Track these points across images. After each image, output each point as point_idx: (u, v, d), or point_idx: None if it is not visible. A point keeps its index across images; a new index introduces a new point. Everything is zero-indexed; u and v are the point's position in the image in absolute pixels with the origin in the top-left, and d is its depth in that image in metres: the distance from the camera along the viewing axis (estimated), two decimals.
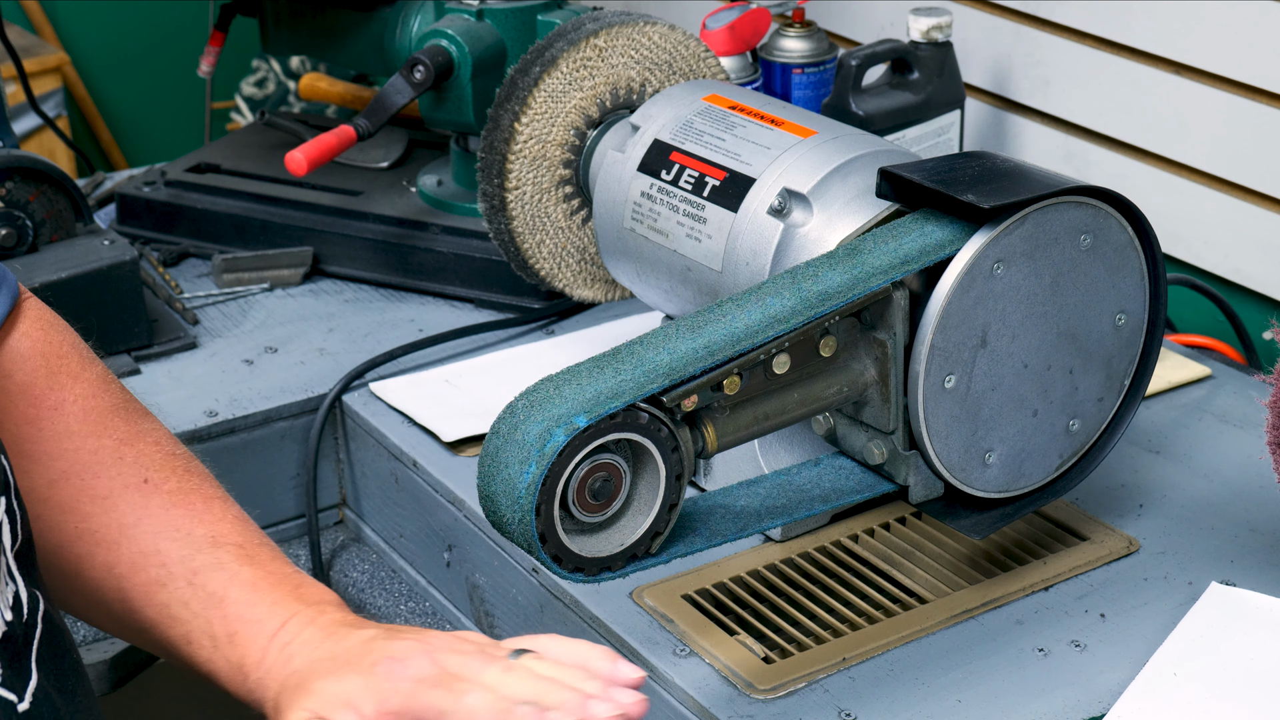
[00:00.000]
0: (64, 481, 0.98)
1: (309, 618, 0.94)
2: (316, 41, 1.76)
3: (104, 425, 1.00)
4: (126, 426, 1.01)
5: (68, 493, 0.98)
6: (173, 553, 0.97)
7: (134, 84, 3.01)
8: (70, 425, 0.99)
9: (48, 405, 0.99)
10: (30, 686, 0.86)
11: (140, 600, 0.96)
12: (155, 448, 1.01)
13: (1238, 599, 1.16)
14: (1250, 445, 1.36)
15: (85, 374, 1.01)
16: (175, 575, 0.96)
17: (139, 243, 1.74)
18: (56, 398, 0.99)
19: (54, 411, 0.99)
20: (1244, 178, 1.56)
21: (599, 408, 0.97)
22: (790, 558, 1.24)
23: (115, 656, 1.38)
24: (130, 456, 0.99)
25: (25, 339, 1.00)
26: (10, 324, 0.99)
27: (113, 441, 0.99)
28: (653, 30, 1.39)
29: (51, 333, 1.02)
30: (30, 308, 1.02)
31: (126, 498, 0.98)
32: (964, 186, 1.07)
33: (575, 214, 1.41)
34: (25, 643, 0.87)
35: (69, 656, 0.91)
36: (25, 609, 0.87)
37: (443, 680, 0.86)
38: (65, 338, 1.02)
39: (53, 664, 0.88)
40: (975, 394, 1.09)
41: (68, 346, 1.02)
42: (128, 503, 0.98)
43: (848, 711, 1.08)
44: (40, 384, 0.99)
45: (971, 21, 1.77)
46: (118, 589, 0.97)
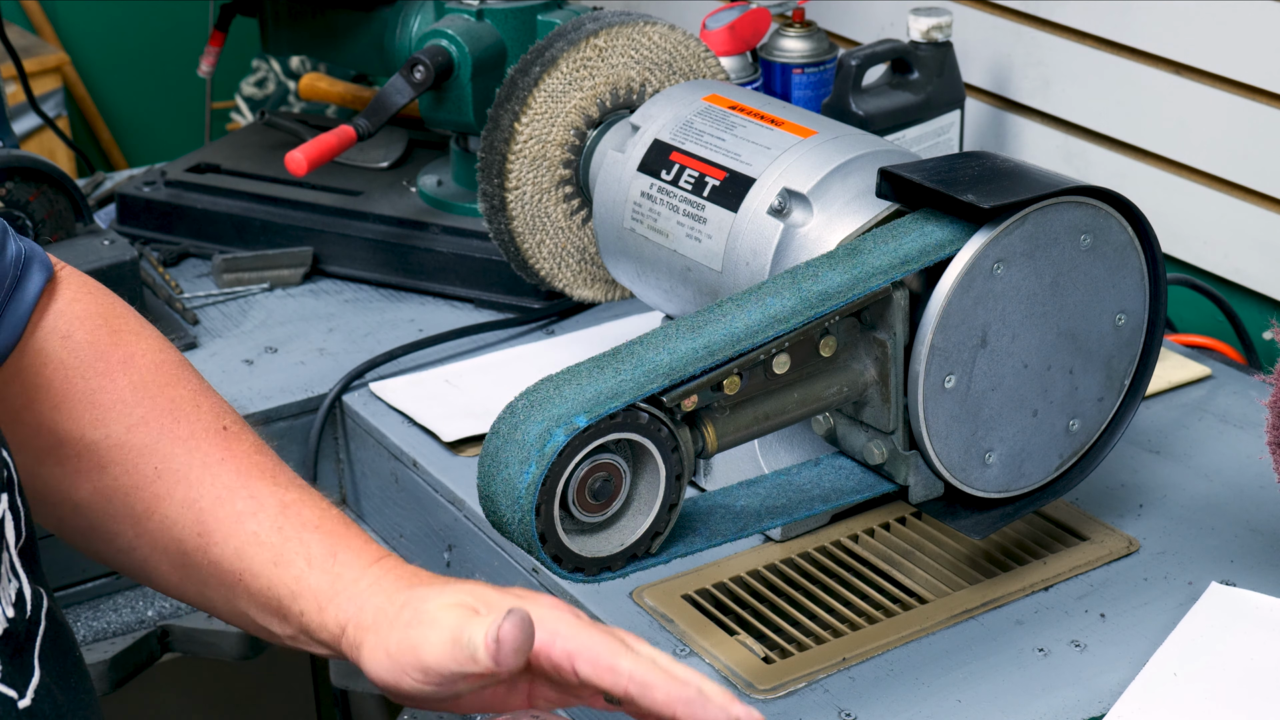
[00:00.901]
0: (143, 426, 1.00)
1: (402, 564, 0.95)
2: (316, 41, 1.76)
3: (177, 377, 1.02)
4: (198, 381, 1.04)
5: (148, 436, 1.00)
6: (261, 488, 0.99)
7: (134, 84, 3.01)
8: (144, 376, 1.01)
9: (117, 359, 1.01)
10: (33, 684, 0.86)
11: (225, 530, 0.97)
12: (226, 405, 1.04)
13: (1238, 599, 1.16)
14: (1250, 445, 1.36)
15: (146, 332, 1.04)
16: (265, 506, 0.97)
17: (139, 243, 1.74)
18: (125, 352, 1.02)
19: (124, 364, 1.01)
20: (1244, 178, 1.56)
21: (599, 408, 0.97)
22: (790, 558, 1.24)
23: (115, 656, 1.39)
24: (207, 406, 1.02)
25: (77, 302, 1.02)
26: (51, 292, 1.02)
27: (188, 391, 1.02)
28: (653, 30, 1.39)
29: (101, 295, 1.04)
30: (71, 275, 1.04)
31: (209, 440, 1.00)
32: (964, 186, 1.07)
33: (575, 214, 1.41)
34: (28, 639, 0.87)
35: (71, 654, 0.91)
36: (28, 606, 0.88)
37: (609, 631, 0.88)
38: (117, 300, 1.05)
39: (55, 661, 0.89)
40: (975, 394, 1.09)
41: (121, 307, 1.05)
42: (210, 443, 1.00)
43: (848, 711, 1.08)
44: (105, 340, 1.02)
45: (971, 21, 1.77)
46: (197, 522, 0.98)
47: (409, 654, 0.88)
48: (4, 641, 0.85)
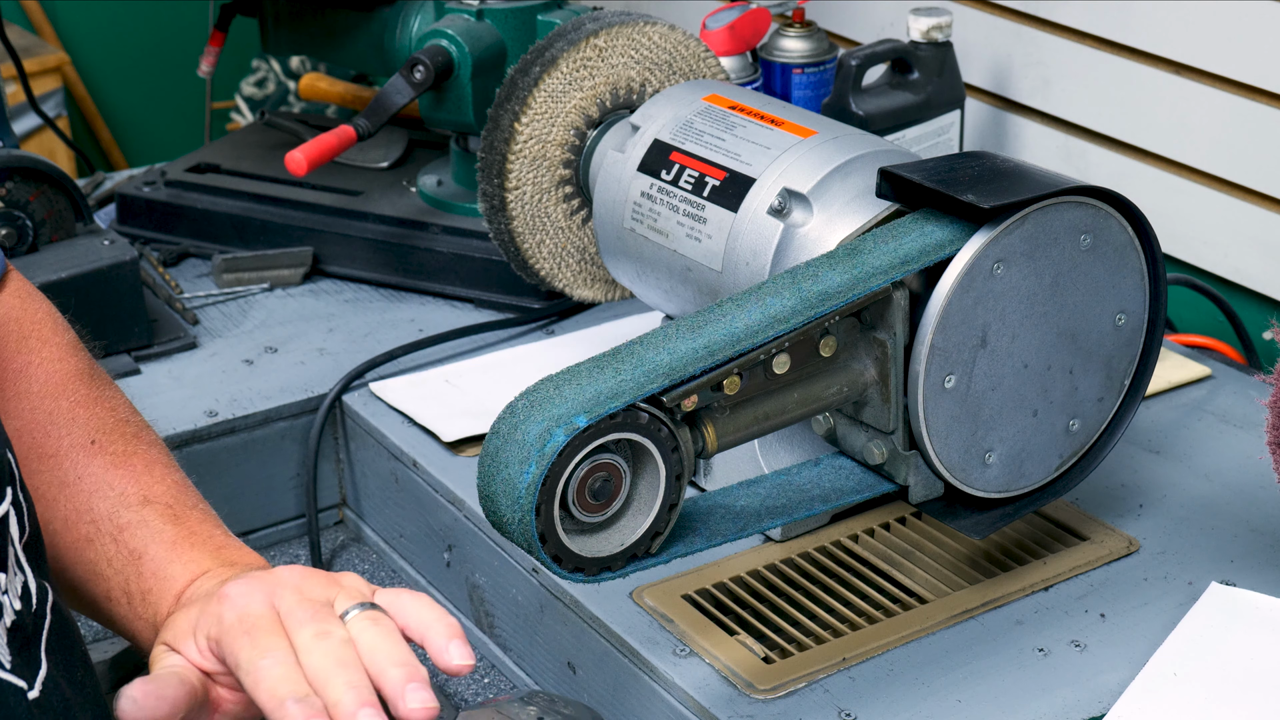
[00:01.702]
0: (16, 439, 0.99)
1: (218, 575, 0.93)
2: (316, 41, 1.76)
3: (63, 388, 1.01)
4: (86, 390, 1.02)
5: (19, 450, 0.99)
6: (102, 510, 0.97)
7: (134, 84, 3.01)
8: (31, 386, 1.00)
9: (14, 368, 1.00)
10: (40, 675, 0.86)
11: (71, 557, 0.97)
12: (109, 413, 1.02)
13: (1238, 599, 1.16)
14: (1250, 445, 1.36)
15: (54, 340, 1.03)
16: (102, 532, 0.97)
17: (139, 243, 1.74)
18: (23, 361, 1.01)
19: (18, 374, 1.00)
20: (1244, 178, 1.56)
21: (599, 408, 0.97)
22: (790, 558, 1.24)
23: (115, 656, 1.38)
24: (82, 419, 1.01)
25: (2, 306, 1.02)
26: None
27: (68, 403, 1.01)
28: (653, 30, 1.39)
29: (29, 301, 1.03)
30: (12, 279, 1.03)
31: (71, 457, 0.99)
32: (964, 186, 1.07)
33: (575, 214, 1.41)
34: (35, 632, 0.87)
35: (77, 649, 0.92)
36: (35, 599, 0.88)
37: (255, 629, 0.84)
38: (41, 306, 1.04)
39: (62, 655, 0.89)
40: (975, 394, 1.09)
41: (42, 314, 1.04)
42: (71, 462, 0.99)
43: (848, 711, 1.08)
44: (10, 348, 1.01)
45: (971, 21, 1.77)
46: (51, 545, 0.98)
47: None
48: (12, 634, 0.85)
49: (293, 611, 0.85)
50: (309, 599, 0.86)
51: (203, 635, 0.86)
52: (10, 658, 0.85)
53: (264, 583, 0.87)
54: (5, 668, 0.84)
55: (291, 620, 0.85)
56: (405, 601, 0.87)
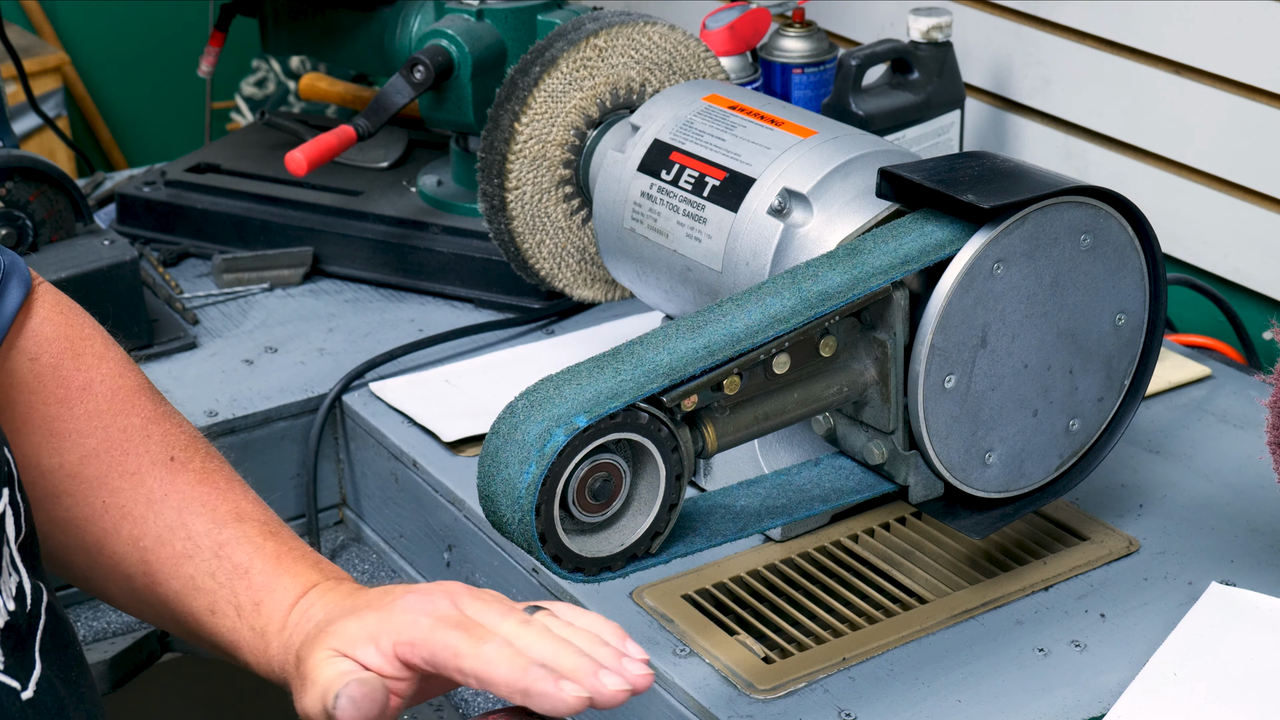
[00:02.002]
0: (94, 458, 1.00)
1: (329, 587, 0.96)
2: (316, 41, 1.76)
3: (132, 404, 1.02)
4: (153, 406, 1.04)
5: (98, 469, 1.00)
6: (199, 527, 0.99)
7: (134, 84, 3.01)
8: (100, 404, 1.01)
9: (76, 385, 1.01)
10: (34, 676, 0.87)
11: (166, 573, 0.98)
12: (179, 428, 1.04)
13: (1238, 599, 1.16)
14: (1250, 445, 1.36)
15: (109, 355, 1.04)
16: (201, 548, 0.98)
17: (139, 243, 1.74)
18: (85, 378, 1.01)
19: (83, 391, 1.01)
20: (1244, 178, 1.56)
21: (599, 408, 0.97)
22: (790, 558, 1.24)
23: (115, 656, 1.39)
24: (157, 435, 1.02)
25: (47, 323, 1.02)
26: (28, 309, 1.01)
27: (140, 420, 1.02)
28: (653, 30, 1.39)
29: (72, 316, 1.04)
30: (46, 293, 1.04)
31: (154, 474, 1.01)
32: (964, 186, 1.07)
33: (575, 214, 1.41)
34: (29, 633, 0.87)
35: (72, 648, 0.92)
36: (29, 600, 0.88)
37: (462, 623, 0.87)
38: (85, 321, 1.05)
39: (56, 655, 0.89)
40: (975, 394, 1.09)
41: (89, 329, 1.04)
42: (155, 478, 1.00)
43: (848, 711, 1.08)
44: (68, 365, 1.01)
45: (971, 21, 1.77)
46: (142, 562, 0.99)
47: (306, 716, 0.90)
48: (6, 634, 0.85)
49: (484, 611, 0.88)
50: (490, 602, 0.89)
51: (389, 640, 0.87)
52: (4, 658, 0.85)
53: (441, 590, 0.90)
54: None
55: (488, 618, 0.88)
56: (562, 608, 0.90)
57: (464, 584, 0.92)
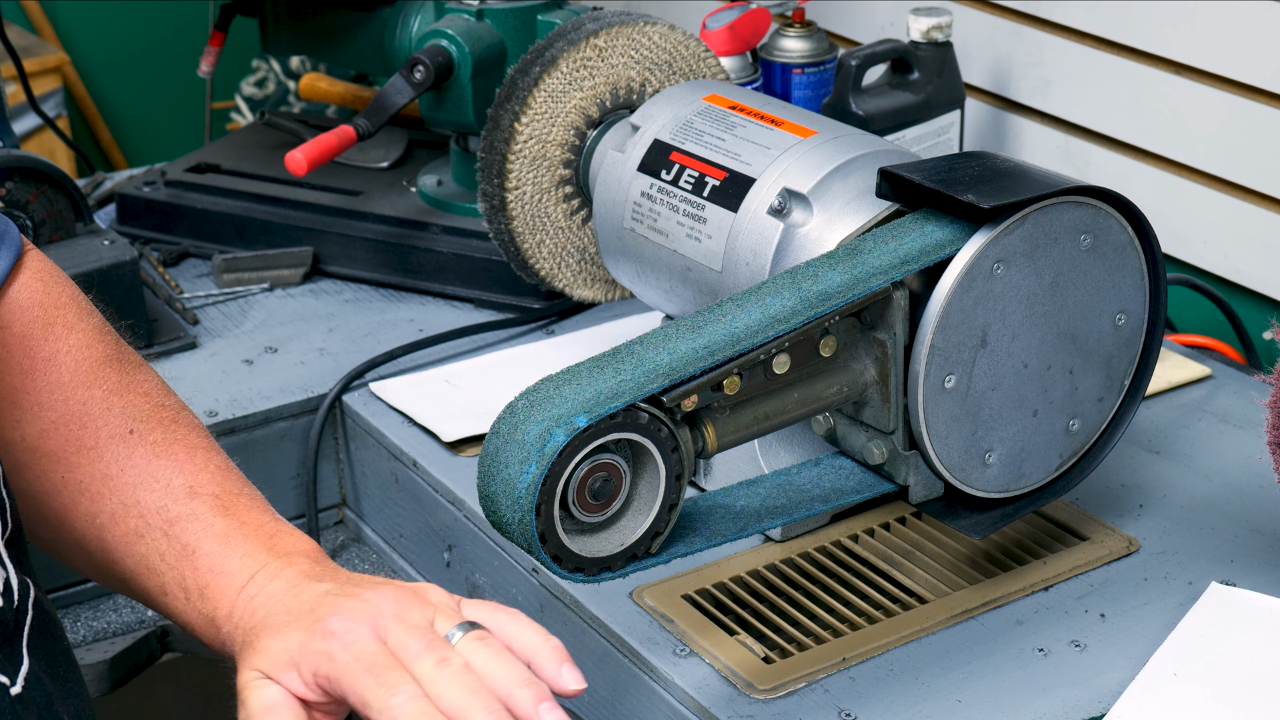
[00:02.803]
0: (53, 431, 0.99)
1: (276, 570, 0.94)
2: (316, 41, 1.76)
3: (95, 376, 1.01)
4: (118, 377, 1.02)
5: (56, 442, 0.99)
6: (150, 504, 0.97)
7: (134, 84, 3.01)
8: (62, 376, 1.00)
9: (42, 356, 1.00)
10: (22, 671, 0.87)
11: (120, 551, 0.97)
12: (144, 398, 1.02)
13: (1238, 599, 1.16)
14: (1250, 445, 1.36)
15: (81, 325, 1.02)
16: (152, 527, 0.97)
17: (139, 243, 1.74)
18: (51, 348, 1.00)
19: (47, 363, 1.00)
20: (1244, 178, 1.56)
21: (599, 408, 0.97)
22: (790, 558, 1.24)
23: (115, 656, 1.38)
24: (118, 407, 1.00)
25: (24, 290, 1.01)
26: (11, 277, 1.00)
27: (102, 392, 1.00)
28: (653, 30, 1.39)
29: (51, 284, 1.02)
30: (32, 260, 1.02)
31: (111, 448, 0.99)
32: (964, 186, 1.07)
33: (575, 214, 1.41)
34: (16, 628, 0.87)
35: (60, 644, 0.92)
36: (16, 595, 0.88)
37: (375, 665, 0.85)
38: (65, 289, 1.03)
39: (44, 650, 0.89)
40: (975, 394, 1.09)
41: (66, 298, 1.03)
42: (112, 453, 0.99)
43: (848, 711, 1.08)
44: (36, 335, 1.00)
45: (971, 21, 1.77)
46: (99, 539, 0.98)
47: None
48: None
49: (404, 643, 0.86)
50: (415, 627, 0.86)
51: (309, 670, 0.86)
52: None
53: (364, 614, 0.87)
54: None
55: (406, 652, 0.85)
56: (503, 620, 0.88)
57: (397, 589, 0.89)
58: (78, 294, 1.04)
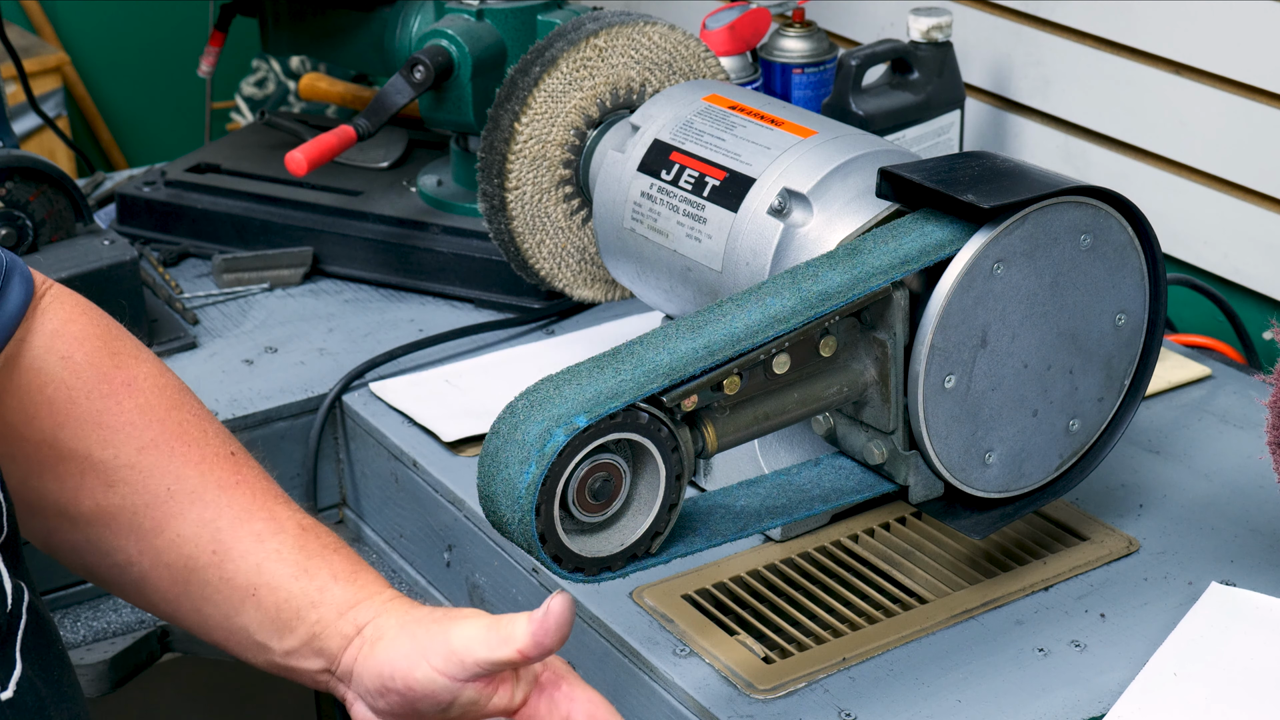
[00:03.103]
0: (153, 448, 1.02)
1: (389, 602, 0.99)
2: (316, 41, 1.76)
3: (180, 401, 1.05)
4: (198, 405, 1.06)
5: (159, 457, 1.02)
6: (279, 510, 1.02)
7: (134, 84, 3.01)
8: (149, 399, 1.03)
9: (120, 381, 1.03)
10: (14, 676, 0.87)
11: (244, 547, 1.00)
12: (225, 428, 1.07)
13: (1238, 599, 1.16)
14: (1250, 445, 1.36)
15: (143, 355, 1.06)
16: (286, 527, 1.01)
17: (139, 243, 1.74)
18: (127, 374, 1.03)
19: (127, 387, 1.03)
20: (1244, 178, 1.56)
21: (599, 408, 0.97)
22: (790, 558, 1.24)
23: (115, 656, 1.38)
24: (213, 431, 1.04)
25: (73, 323, 1.03)
26: (41, 308, 1.02)
27: (193, 416, 1.04)
28: (653, 30, 1.39)
29: (96, 316, 1.06)
30: (61, 293, 1.05)
31: (220, 464, 1.03)
32: (964, 186, 1.07)
33: (575, 214, 1.41)
34: (9, 633, 0.87)
35: (54, 648, 0.92)
36: (9, 600, 0.88)
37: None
38: (111, 321, 1.07)
39: (37, 655, 0.89)
40: (975, 394, 1.09)
41: (116, 329, 1.06)
42: (222, 468, 1.03)
43: (848, 711, 1.08)
44: (106, 362, 1.03)
45: (971, 21, 1.77)
46: (213, 540, 1.00)
47: (437, 640, 0.93)
48: None
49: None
50: None
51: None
52: None
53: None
54: None
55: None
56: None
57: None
58: (119, 324, 1.07)
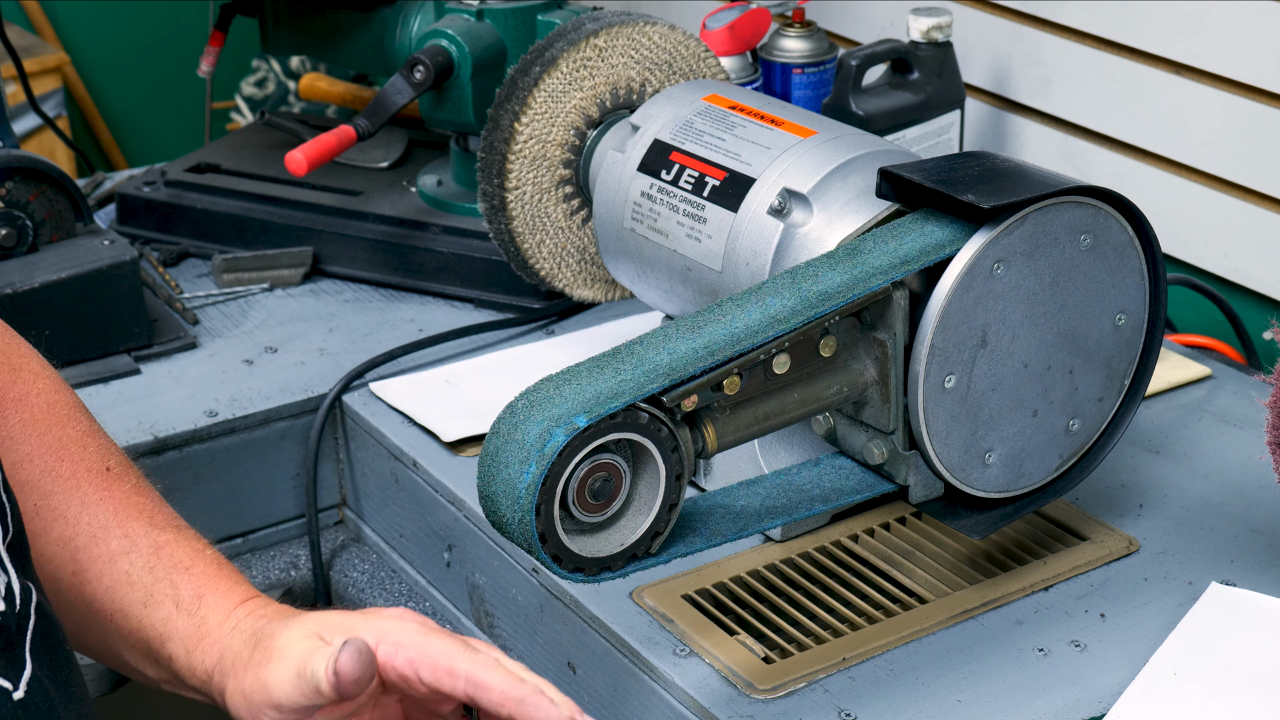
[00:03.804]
0: (27, 463, 1.01)
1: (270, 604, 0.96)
2: (316, 41, 1.76)
3: (68, 417, 1.04)
4: (88, 423, 1.05)
5: (31, 472, 1.01)
6: (136, 528, 1.00)
7: (134, 84, 3.01)
8: (35, 414, 1.02)
9: (12, 397, 1.02)
10: (25, 676, 0.87)
11: (98, 569, 0.99)
12: (114, 447, 1.05)
13: (1238, 599, 1.16)
14: (1250, 445, 1.36)
15: (45, 373, 1.05)
16: (139, 546, 0.99)
17: (139, 243, 1.74)
18: (20, 390, 1.03)
19: (18, 402, 1.02)
20: (1244, 178, 1.56)
21: (599, 408, 0.97)
22: (790, 558, 1.24)
23: None
24: (93, 447, 1.03)
25: None
26: None
27: (76, 432, 1.03)
28: (653, 30, 1.39)
29: (8, 337, 1.06)
30: None
31: (90, 480, 1.01)
32: (964, 186, 1.07)
33: (575, 214, 1.41)
34: (18, 633, 0.87)
35: (62, 649, 0.92)
36: (18, 600, 0.88)
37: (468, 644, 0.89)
38: (20, 341, 1.07)
39: (46, 655, 0.89)
40: (975, 394, 1.09)
41: (26, 349, 1.06)
42: (91, 484, 1.01)
43: (848, 711, 1.08)
44: (4, 377, 1.03)
45: (971, 21, 1.77)
46: (72, 560, 0.99)
47: (260, 693, 0.89)
48: None
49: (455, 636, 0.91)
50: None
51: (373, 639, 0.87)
52: None
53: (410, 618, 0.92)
54: None
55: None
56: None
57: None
58: (32, 347, 1.07)
